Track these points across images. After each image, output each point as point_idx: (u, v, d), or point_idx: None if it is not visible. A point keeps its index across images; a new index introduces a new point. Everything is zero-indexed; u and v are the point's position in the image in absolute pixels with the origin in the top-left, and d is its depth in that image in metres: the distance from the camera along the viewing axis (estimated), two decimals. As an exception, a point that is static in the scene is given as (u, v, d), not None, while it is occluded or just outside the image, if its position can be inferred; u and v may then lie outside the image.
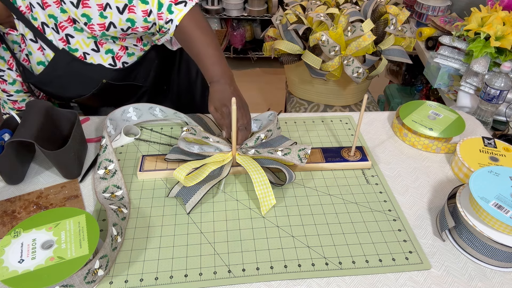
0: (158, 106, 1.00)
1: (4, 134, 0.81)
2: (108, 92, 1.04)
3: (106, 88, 1.01)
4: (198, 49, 0.89)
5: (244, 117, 0.84)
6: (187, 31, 0.90)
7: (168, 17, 0.88)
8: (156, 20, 0.89)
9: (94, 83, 1.00)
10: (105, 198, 0.80)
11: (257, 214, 0.79)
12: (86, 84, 1.00)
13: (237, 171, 0.88)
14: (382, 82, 2.53)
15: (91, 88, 1.01)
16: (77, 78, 0.99)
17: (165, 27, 0.91)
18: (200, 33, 0.89)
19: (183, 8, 0.88)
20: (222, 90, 0.85)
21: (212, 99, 0.86)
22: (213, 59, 0.88)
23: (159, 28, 0.92)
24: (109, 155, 0.87)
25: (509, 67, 1.17)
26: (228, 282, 0.67)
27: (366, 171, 0.91)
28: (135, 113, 1.00)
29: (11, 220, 0.76)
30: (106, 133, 0.91)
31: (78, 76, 0.98)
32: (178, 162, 0.88)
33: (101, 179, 0.84)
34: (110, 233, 0.68)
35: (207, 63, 0.88)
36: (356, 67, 1.34)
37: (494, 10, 1.35)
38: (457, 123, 1.00)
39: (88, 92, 1.01)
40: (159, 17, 0.89)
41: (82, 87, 1.01)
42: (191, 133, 0.85)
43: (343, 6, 1.44)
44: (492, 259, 0.70)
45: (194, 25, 0.90)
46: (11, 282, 0.58)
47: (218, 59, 0.88)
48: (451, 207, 0.77)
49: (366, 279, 0.68)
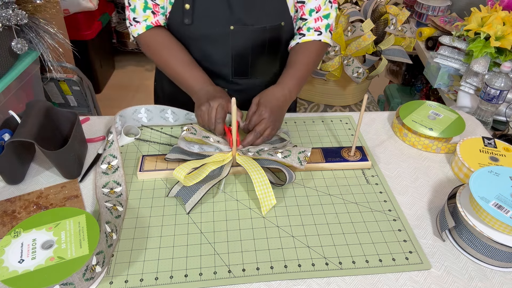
0: (170, 108, 0.99)
1: (4, 134, 0.81)
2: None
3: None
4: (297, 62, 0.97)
5: (269, 130, 0.86)
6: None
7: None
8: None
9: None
10: (103, 194, 0.81)
11: (257, 214, 0.79)
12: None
13: (237, 171, 0.88)
14: (382, 82, 2.53)
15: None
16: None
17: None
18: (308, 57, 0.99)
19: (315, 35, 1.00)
20: (273, 93, 0.90)
21: (262, 94, 0.90)
22: (297, 75, 0.95)
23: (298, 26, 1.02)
24: (114, 151, 0.88)
25: (509, 67, 1.17)
26: (228, 282, 0.67)
27: (366, 171, 0.91)
28: (146, 115, 1.00)
29: (11, 220, 0.76)
30: (114, 128, 0.91)
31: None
32: (178, 162, 0.88)
33: (103, 174, 0.85)
34: (103, 230, 0.69)
35: (290, 72, 0.95)
36: (356, 67, 1.34)
37: (494, 10, 1.35)
38: (457, 123, 1.00)
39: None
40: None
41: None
42: (192, 132, 0.85)
43: (343, 6, 1.44)
44: (492, 259, 0.70)
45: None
46: (11, 282, 0.58)
47: (300, 80, 0.96)
48: (451, 207, 0.77)
49: (366, 279, 0.68)
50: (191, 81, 0.94)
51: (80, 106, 2.00)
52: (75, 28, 2.52)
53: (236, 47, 0.99)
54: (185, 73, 0.95)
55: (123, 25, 3.22)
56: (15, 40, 1.25)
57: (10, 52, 1.28)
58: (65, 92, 1.92)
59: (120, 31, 3.20)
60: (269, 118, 0.85)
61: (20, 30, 1.30)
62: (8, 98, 1.36)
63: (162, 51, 0.97)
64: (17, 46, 1.26)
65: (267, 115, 0.85)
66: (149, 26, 0.97)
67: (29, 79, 1.49)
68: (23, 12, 1.22)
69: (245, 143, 0.86)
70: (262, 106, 0.87)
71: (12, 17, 1.19)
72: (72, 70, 1.83)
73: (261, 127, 0.85)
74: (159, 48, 0.98)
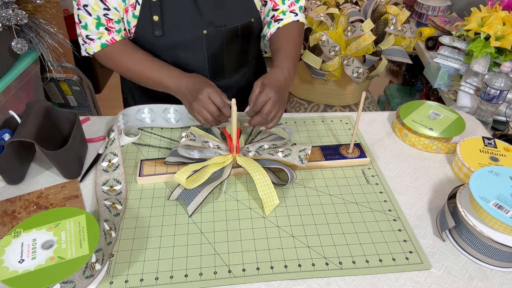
0: (173, 106, 0.98)
1: (4, 134, 0.81)
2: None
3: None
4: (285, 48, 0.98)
5: (275, 110, 0.85)
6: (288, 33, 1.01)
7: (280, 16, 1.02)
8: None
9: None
10: (103, 192, 0.81)
11: (257, 214, 0.79)
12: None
13: (238, 172, 0.88)
14: (382, 82, 2.53)
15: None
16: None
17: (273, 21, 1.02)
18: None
19: (292, 16, 1.01)
20: (275, 75, 0.89)
21: (264, 77, 0.89)
22: (291, 56, 0.96)
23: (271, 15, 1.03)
24: (114, 149, 0.88)
25: (509, 67, 1.17)
26: (228, 282, 0.67)
27: (366, 171, 0.91)
28: (149, 115, 1.00)
29: (11, 220, 0.76)
30: (116, 127, 0.91)
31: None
32: (178, 165, 0.88)
33: (103, 171, 0.85)
34: (102, 228, 0.69)
35: (282, 55, 0.95)
36: (356, 67, 1.34)
37: (494, 10, 1.35)
38: (457, 123, 1.00)
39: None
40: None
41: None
42: (191, 139, 0.84)
43: (343, 6, 1.44)
44: (492, 259, 0.70)
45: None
46: (11, 282, 0.58)
47: (294, 60, 0.96)
48: (451, 207, 0.77)
49: (366, 279, 0.68)
50: (164, 80, 0.90)
51: (80, 106, 1.99)
52: (75, 28, 2.51)
53: (211, 50, 0.98)
54: (155, 75, 0.91)
55: (123, 25, 3.22)
56: (15, 40, 1.25)
57: (10, 52, 1.28)
58: (65, 92, 1.92)
59: (120, 31, 3.20)
60: (275, 98, 0.84)
61: (20, 30, 1.30)
62: (8, 98, 1.36)
63: (125, 61, 0.93)
64: (17, 46, 1.26)
65: (272, 94, 0.84)
66: (104, 45, 0.93)
67: (29, 79, 1.49)
68: (23, 12, 1.22)
69: (253, 122, 0.85)
70: (267, 86, 0.85)
71: (12, 17, 1.19)
72: (72, 70, 1.83)
73: (268, 107, 0.83)
74: (121, 59, 0.94)
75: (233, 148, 0.83)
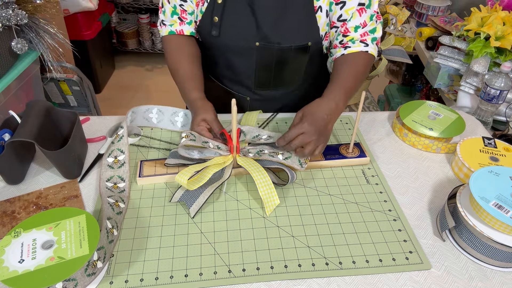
0: (182, 110, 1.00)
1: (4, 134, 0.81)
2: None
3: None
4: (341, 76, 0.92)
5: (310, 145, 0.81)
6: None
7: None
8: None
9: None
10: (107, 188, 0.81)
11: (258, 214, 0.79)
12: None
13: (238, 172, 0.88)
14: (382, 82, 2.53)
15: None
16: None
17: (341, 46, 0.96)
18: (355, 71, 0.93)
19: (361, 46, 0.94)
20: (318, 105, 0.85)
21: (306, 107, 0.85)
22: (345, 87, 0.89)
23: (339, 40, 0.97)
24: (122, 146, 0.88)
25: (509, 67, 1.17)
26: (228, 282, 0.67)
27: (366, 171, 0.91)
28: (157, 116, 1.00)
29: (11, 221, 0.76)
30: (125, 123, 0.92)
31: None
32: (178, 167, 0.87)
33: (108, 167, 0.85)
34: (104, 226, 0.69)
35: (337, 84, 0.90)
36: (356, 67, 1.34)
37: (494, 10, 1.35)
38: (457, 123, 1.00)
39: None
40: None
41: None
42: (191, 139, 0.84)
43: (343, 6, 1.44)
44: (492, 259, 0.70)
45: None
46: (11, 282, 0.58)
47: (347, 92, 0.89)
48: (451, 207, 0.77)
49: (366, 279, 0.68)
50: (186, 91, 0.96)
51: (80, 106, 2.00)
52: (75, 28, 2.52)
53: (260, 62, 1.00)
54: (185, 83, 0.97)
55: (123, 25, 3.22)
56: (15, 40, 1.25)
57: (10, 52, 1.28)
58: (65, 92, 1.92)
59: (120, 31, 3.20)
60: (310, 133, 0.80)
61: (20, 30, 1.30)
62: (8, 98, 1.36)
63: (173, 55, 1.00)
64: (17, 46, 1.26)
65: (308, 128, 0.80)
66: (172, 32, 1.00)
67: (29, 79, 1.50)
68: (23, 12, 1.22)
69: (281, 141, 0.82)
70: (305, 119, 0.81)
71: (12, 17, 1.20)
72: (72, 70, 1.83)
73: (297, 142, 0.80)
74: (173, 53, 1.00)
75: (233, 148, 0.83)
